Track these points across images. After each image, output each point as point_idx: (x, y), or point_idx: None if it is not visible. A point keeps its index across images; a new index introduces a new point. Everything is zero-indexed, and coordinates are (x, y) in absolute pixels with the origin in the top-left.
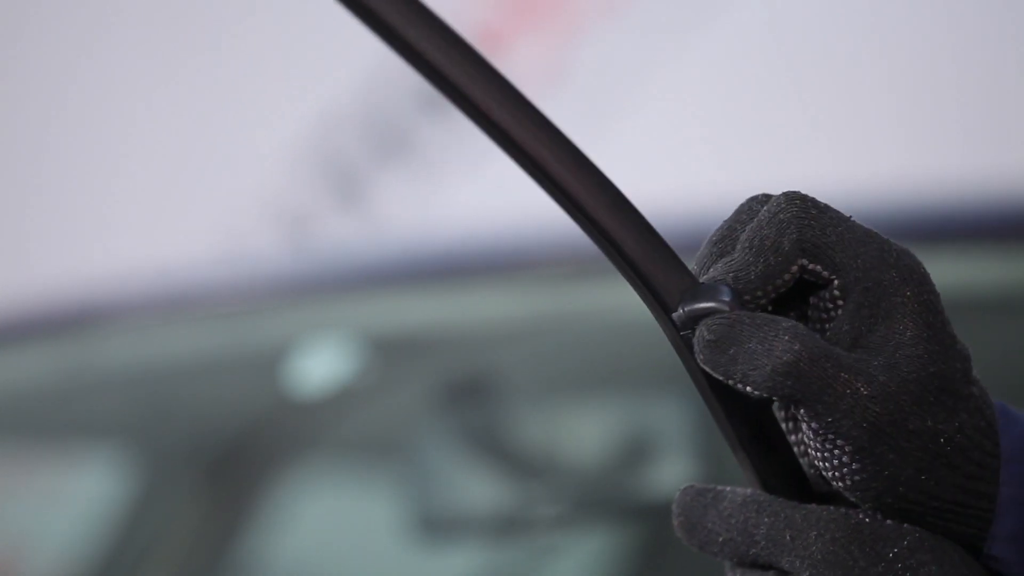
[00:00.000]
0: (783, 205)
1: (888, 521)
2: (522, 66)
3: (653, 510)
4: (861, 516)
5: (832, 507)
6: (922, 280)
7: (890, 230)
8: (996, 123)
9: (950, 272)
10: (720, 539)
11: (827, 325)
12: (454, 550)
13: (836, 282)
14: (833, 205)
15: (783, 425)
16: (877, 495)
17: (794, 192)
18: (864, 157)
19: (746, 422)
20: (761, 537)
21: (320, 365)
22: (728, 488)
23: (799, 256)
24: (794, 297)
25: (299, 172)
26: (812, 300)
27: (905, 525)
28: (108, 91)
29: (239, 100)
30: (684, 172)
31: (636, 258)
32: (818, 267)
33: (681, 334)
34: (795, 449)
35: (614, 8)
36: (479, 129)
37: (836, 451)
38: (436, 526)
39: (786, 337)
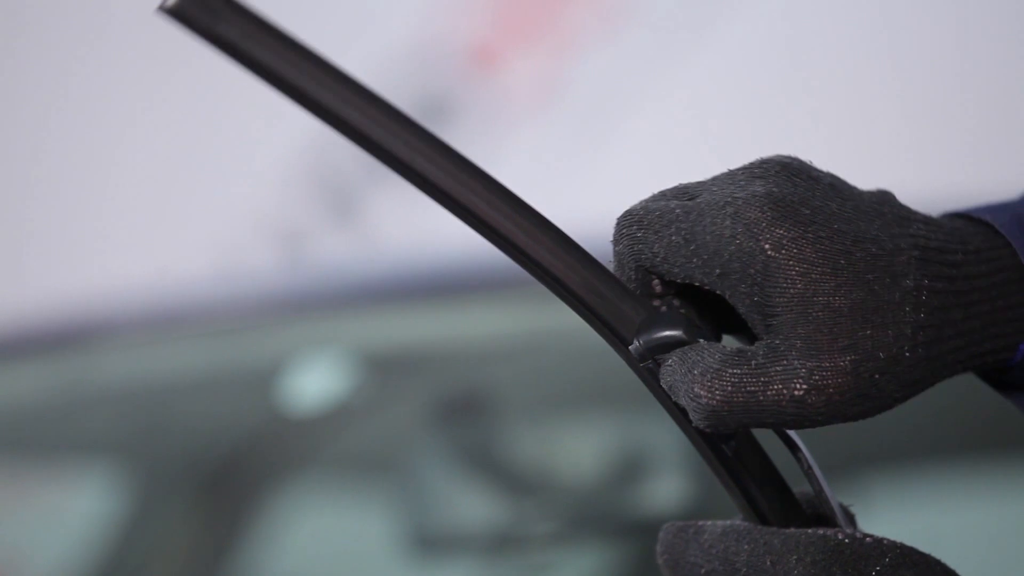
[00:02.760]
0: (615, 233)
1: (868, 539)
2: (517, 83)
3: (647, 527)
4: (841, 536)
5: (811, 529)
6: (757, 222)
7: None
8: (1005, 134)
9: None
10: (703, 571)
11: (733, 323)
12: (448, 567)
13: (698, 284)
14: None
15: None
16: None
17: (622, 214)
18: (863, 179)
19: (720, 449)
20: (742, 564)
21: (315, 382)
22: (709, 522)
23: (648, 272)
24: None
25: (295, 189)
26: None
27: (886, 542)
28: (105, 108)
29: (235, 117)
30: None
31: (584, 295)
32: (673, 279)
33: (641, 365)
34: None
35: (609, 26)
36: (409, 184)
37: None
38: (431, 543)
39: (696, 385)
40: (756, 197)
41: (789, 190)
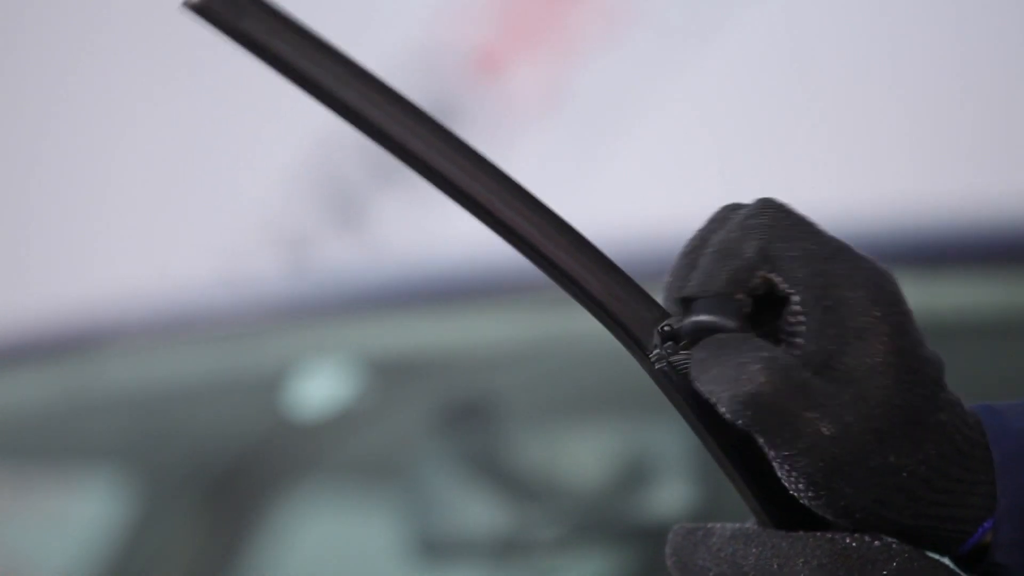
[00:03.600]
0: (755, 211)
1: (876, 543)
2: (522, 89)
3: (651, 533)
4: (848, 540)
5: (819, 532)
6: (892, 300)
7: (897, 251)
8: (1011, 141)
9: (957, 294)
10: (711, 574)
11: (796, 340)
12: (454, 572)
13: (795, 298)
14: (841, 224)
15: None
16: (834, 517)
17: (769, 199)
18: (867, 187)
19: (735, 448)
20: (750, 568)
21: (319, 387)
22: (719, 524)
23: (763, 264)
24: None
25: (299, 194)
26: (783, 314)
27: (894, 546)
28: (109, 113)
29: (240, 123)
30: (683, 194)
31: (602, 297)
32: (778, 279)
33: (656, 368)
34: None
35: (612, 31)
36: (428, 183)
37: (792, 477)
38: (435, 549)
39: (756, 367)
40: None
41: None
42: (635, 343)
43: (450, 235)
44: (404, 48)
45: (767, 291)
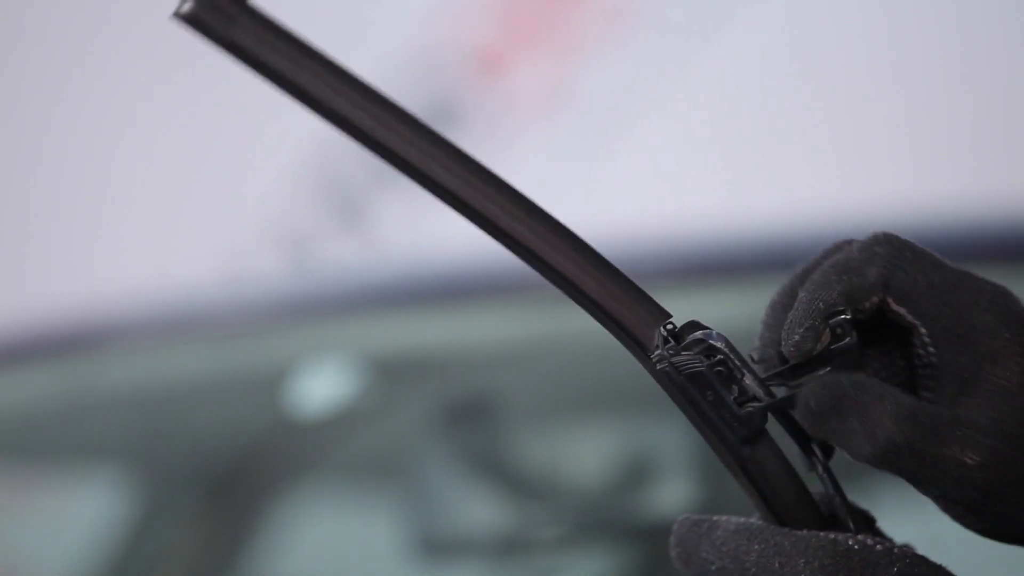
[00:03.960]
0: (879, 240)
1: (879, 546)
2: (523, 88)
3: (653, 531)
4: (851, 543)
5: (823, 533)
6: (1020, 318)
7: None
8: (1012, 140)
9: None
10: (713, 567)
11: (922, 371)
12: (455, 571)
13: (924, 331)
14: (842, 224)
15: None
16: (1004, 539)
17: (892, 233)
18: (868, 186)
19: (737, 447)
20: (751, 564)
21: (321, 386)
22: (724, 517)
23: (883, 289)
24: (880, 335)
25: (301, 193)
26: (906, 344)
27: (896, 550)
28: (111, 112)
29: (241, 122)
30: (685, 193)
31: (601, 299)
32: (903, 311)
33: (658, 368)
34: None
35: (613, 31)
36: (426, 192)
37: (955, 512)
38: (437, 547)
39: (888, 421)
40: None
41: None
42: (637, 344)
43: (450, 234)
44: (406, 48)
45: (872, 316)
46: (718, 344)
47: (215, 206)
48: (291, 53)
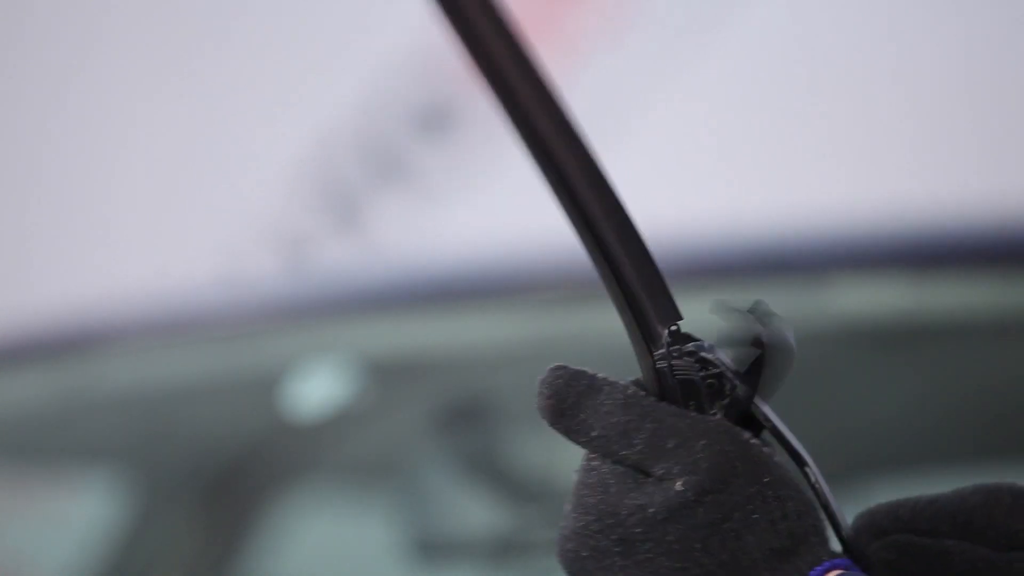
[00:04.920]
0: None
1: (766, 448)
2: None
3: None
4: (747, 436)
5: (718, 419)
6: None
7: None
8: (1011, 145)
9: (958, 295)
10: (593, 433)
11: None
12: (451, 573)
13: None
14: (840, 227)
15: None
16: None
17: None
18: (870, 187)
19: None
20: (640, 442)
21: (317, 388)
22: (609, 382)
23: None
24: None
25: (297, 195)
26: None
27: (776, 458)
28: (107, 114)
29: (237, 122)
30: (686, 196)
31: (633, 283)
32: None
33: (658, 366)
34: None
35: (613, 32)
36: (513, 130)
37: None
38: (433, 549)
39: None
40: None
41: None
42: (645, 337)
43: (448, 235)
44: (402, 49)
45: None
46: (710, 357)
47: (212, 207)
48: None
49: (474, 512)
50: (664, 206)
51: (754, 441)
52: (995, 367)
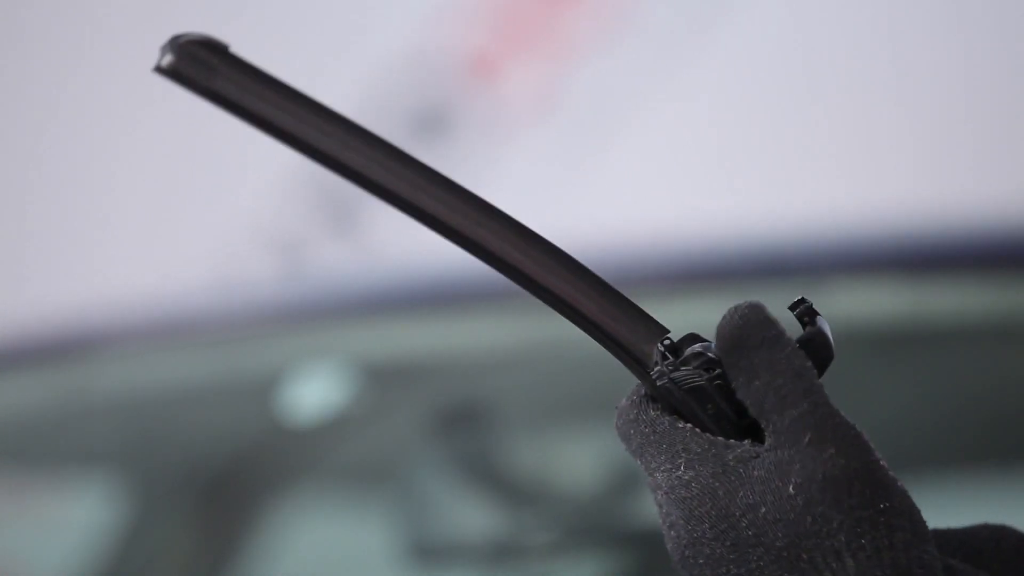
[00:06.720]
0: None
1: (891, 472)
2: (515, 93)
3: (646, 537)
4: (878, 456)
5: (857, 431)
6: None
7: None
8: (1010, 147)
9: (957, 297)
10: (756, 383)
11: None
12: None
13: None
14: (837, 230)
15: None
16: None
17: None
18: (866, 190)
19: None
20: (788, 418)
21: (314, 392)
22: (791, 341)
23: None
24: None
25: (293, 199)
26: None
27: (900, 483)
28: (105, 118)
29: (234, 127)
30: (679, 198)
31: (597, 318)
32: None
33: (659, 385)
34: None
35: (607, 34)
36: (418, 222)
37: None
38: (430, 553)
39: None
40: None
41: None
42: (636, 362)
43: (442, 241)
44: (398, 52)
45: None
46: (716, 356)
47: (208, 211)
48: (274, 98)
49: (471, 516)
50: (661, 209)
51: (883, 463)
52: (992, 371)
